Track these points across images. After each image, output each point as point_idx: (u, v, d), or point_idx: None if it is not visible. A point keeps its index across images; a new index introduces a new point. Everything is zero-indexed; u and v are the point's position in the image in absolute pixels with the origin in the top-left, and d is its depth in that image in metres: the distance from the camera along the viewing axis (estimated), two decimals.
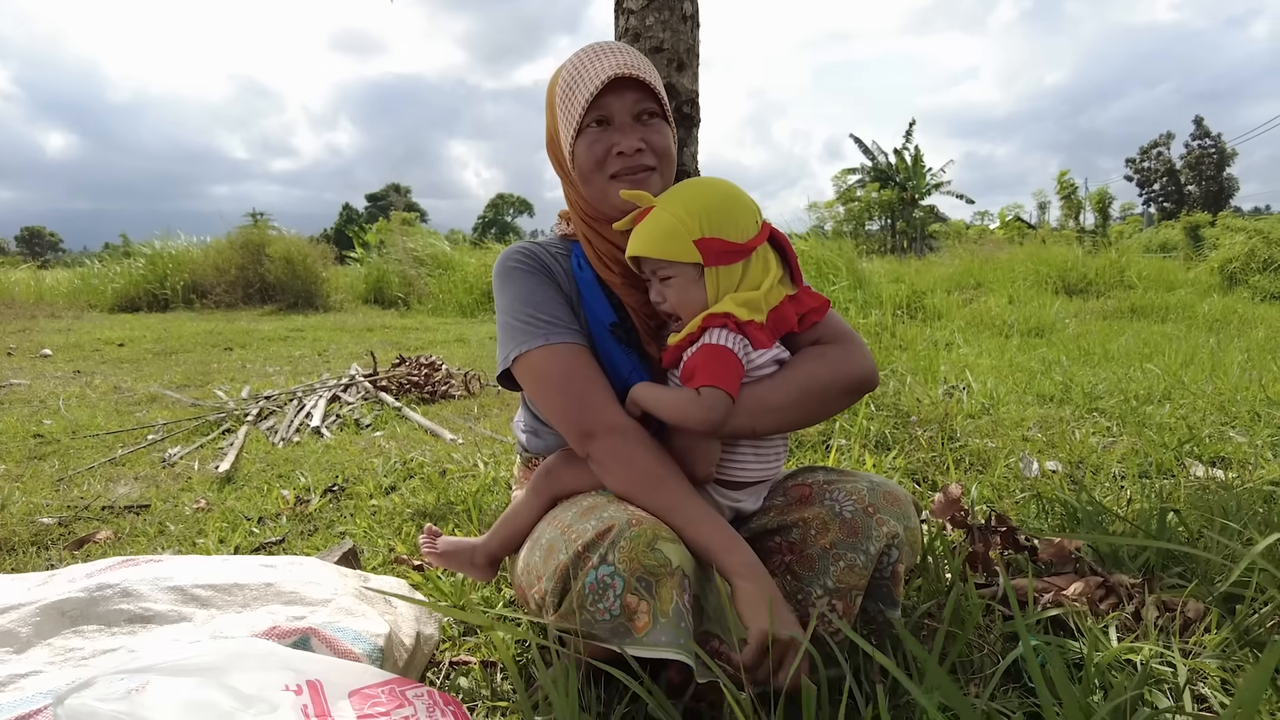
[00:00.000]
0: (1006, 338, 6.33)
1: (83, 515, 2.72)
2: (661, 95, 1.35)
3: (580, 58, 1.34)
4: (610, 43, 1.36)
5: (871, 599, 1.40)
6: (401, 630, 1.51)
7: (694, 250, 1.26)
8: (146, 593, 1.37)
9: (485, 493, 2.68)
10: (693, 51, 2.15)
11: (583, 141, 1.33)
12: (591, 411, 1.31)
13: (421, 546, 1.68)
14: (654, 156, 1.35)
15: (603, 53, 1.33)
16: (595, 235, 1.43)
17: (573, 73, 1.33)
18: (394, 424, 4.17)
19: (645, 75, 1.31)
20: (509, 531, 1.51)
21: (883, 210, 29.60)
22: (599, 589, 1.13)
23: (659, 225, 1.27)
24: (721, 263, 1.27)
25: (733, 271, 1.29)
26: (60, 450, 3.68)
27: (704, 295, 1.29)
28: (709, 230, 1.26)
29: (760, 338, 1.27)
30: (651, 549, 1.14)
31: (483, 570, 1.60)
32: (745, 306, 1.27)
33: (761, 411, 1.28)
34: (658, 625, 1.10)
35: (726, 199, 1.31)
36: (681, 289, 1.30)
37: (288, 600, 1.45)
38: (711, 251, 1.26)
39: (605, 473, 1.31)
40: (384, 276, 14.39)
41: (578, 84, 1.31)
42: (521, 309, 1.38)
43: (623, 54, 1.32)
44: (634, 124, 1.33)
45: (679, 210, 1.27)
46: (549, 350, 1.34)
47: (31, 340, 8.35)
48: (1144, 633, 1.58)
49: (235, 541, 2.40)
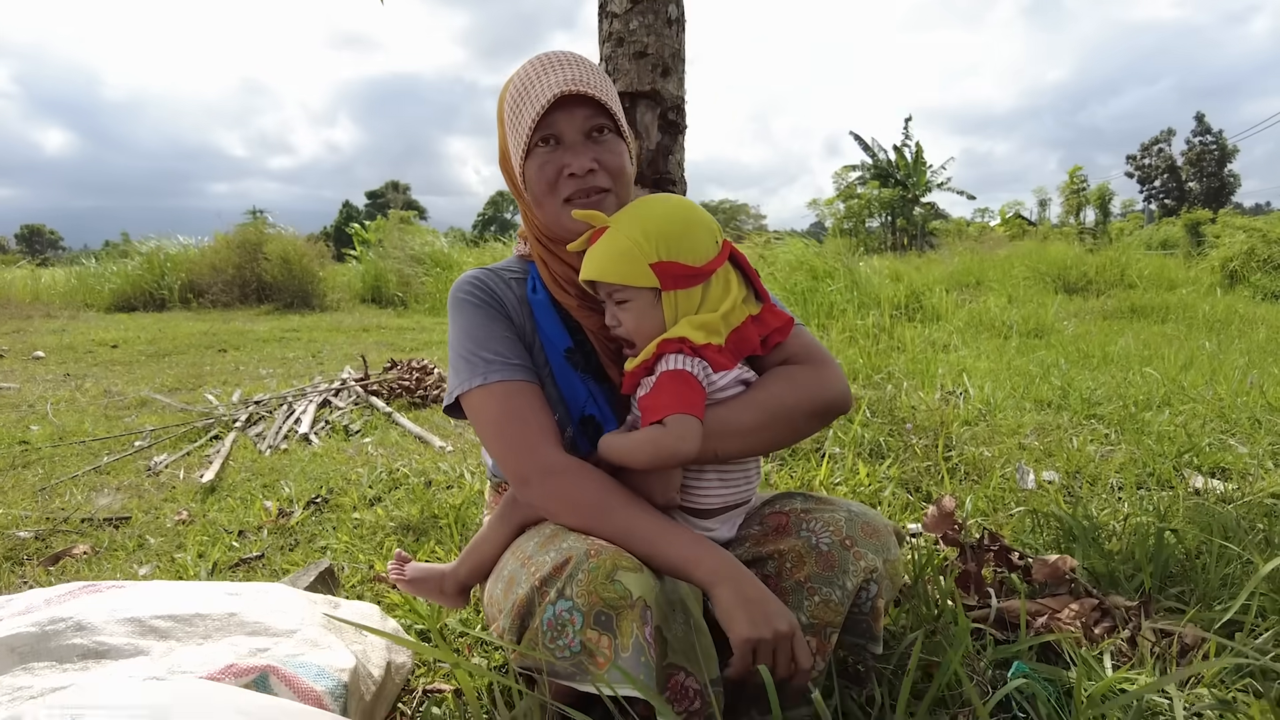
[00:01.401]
0: (1005, 339, 6.26)
1: (61, 528, 2.67)
2: (614, 109, 1.28)
3: (526, 73, 1.27)
4: (559, 54, 1.29)
5: (850, 634, 1.35)
6: (370, 661, 1.46)
7: (650, 274, 1.20)
8: (101, 625, 1.32)
9: (469, 506, 2.63)
10: (678, 56, 2.09)
11: (533, 163, 1.27)
12: (525, 456, 1.25)
13: (390, 574, 1.63)
14: (608, 176, 1.28)
15: (550, 66, 1.25)
16: (550, 257, 1.37)
17: (519, 89, 1.26)
18: (384, 430, 4.12)
19: (595, 90, 1.23)
20: (477, 559, 1.45)
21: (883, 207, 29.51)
22: (557, 625, 1.08)
23: (614, 248, 1.21)
24: (680, 286, 1.22)
25: (691, 295, 1.23)
26: (45, 458, 3.64)
27: (661, 320, 1.23)
28: (666, 254, 1.20)
29: (719, 360, 1.21)
30: (611, 580, 1.08)
31: (453, 598, 1.55)
32: (702, 329, 1.21)
33: (725, 434, 1.21)
34: (620, 661, 1.05)
35: (684, 221, 1.25)
36: (638, 313, 1.24)
37: (251, 631, 1.40)
38: (669, 276, 1.20)
39: (550, 516, 1.26)
40: (381, 275, 14.32)
41: (524, 102, 1.24)
42: (465, 344, 1.33)
43: (571, 66, 1.25)
44: (585, 142, 1.27)
45: (635, 233, 1.20)
46: (486, 391, 1.28)
47: (25, 341, 8.30)
48: (1139, 660, 1.54)
49: (214, 557, 2.35)
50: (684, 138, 2.14)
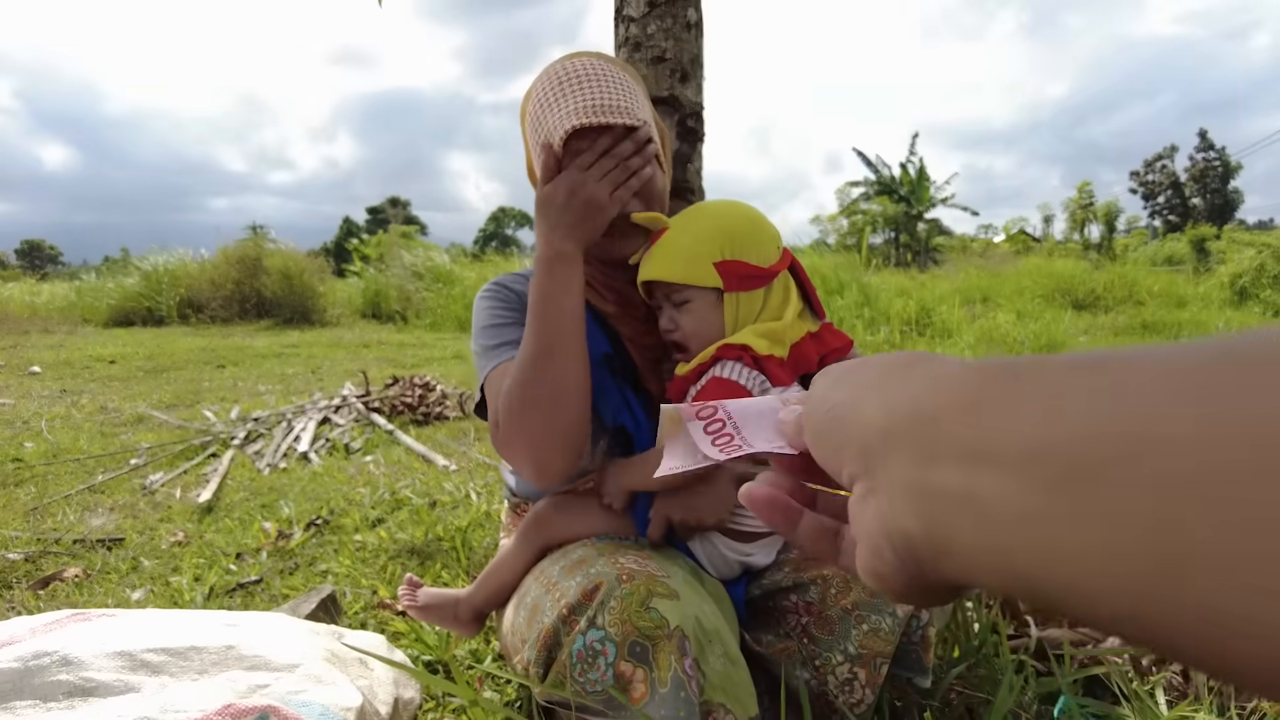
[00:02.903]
0: (1017, 355, 6.15)
1: (52, 550, 2.57)
2: (642, 124, 1.15)
3: (546, 91, 1.15)
4: (582, 66, 1.15)
5: (898, 666, 1.26)
6: (377, 698, 1.37)
7: (714, 274, 1.13)
8: (89, 660, 1.22)
9: (475, 528, 2.54)
10: (697, 61, 2.02)
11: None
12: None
13: (401, 599, 1.54)
14: (639, 203, 1.19)
15: (569, 86, 1.13)
16: (587, 264, 1.28)
17: (539, 109, 1.15)
18: (386, 448, 4.03)
19: (619, 115, 1.11)
20: (495, 585, 1.37)
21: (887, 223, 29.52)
22: (588, 657, 0.99)
23: (675, 246, 1.14)
24: (743, 288, 1.15)
25: (754, 299, 1.16)
26: (38, 476, 3.54)
27: (721, 324, 1.16)
28: (730, 252, 1.14)
29: (780, 375, 1.13)
30: (646, 608, 0.99)
31: (467, 626, 1.46)
32: (766, 338, 1.13)
33: None
34: (656, 696, 0.95)
35: (748, 219, 1.18)
36: (698, 316, 1.16)
37: (250, 665, 1.31)
38: (733, 275, 1.13)
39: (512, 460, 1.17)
40: (382, 291, 14.26)
41: (542, 124, 1.14)
42: (481, 340, 1.27)
43: (592, 86, 1.12)
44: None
45: (698, 230, 1.14)
46: (499, 370, 1.21)
47: (21, 356, 8.21)
48: (1195, 695, 1.44)
49: (211, 580, 2.26)
50: (703, 145, 2.06)
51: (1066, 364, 0.25)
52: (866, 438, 0.32)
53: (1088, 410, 0.23)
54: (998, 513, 0.25)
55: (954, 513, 0.27)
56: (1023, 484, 0.24)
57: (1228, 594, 0.19)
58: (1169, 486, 0.20)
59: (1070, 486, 0.23)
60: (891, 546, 0.31)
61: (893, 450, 0.30)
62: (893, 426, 0.31)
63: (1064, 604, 0.24)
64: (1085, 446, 0.22)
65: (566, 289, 1.11)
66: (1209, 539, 0.19)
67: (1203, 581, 0.19)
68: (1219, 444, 0.19)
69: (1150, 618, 0.21)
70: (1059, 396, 0.24)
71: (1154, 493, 0.20)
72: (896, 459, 0.30)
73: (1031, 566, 0.24)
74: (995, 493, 0.25)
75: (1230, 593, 0.19)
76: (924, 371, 0.32)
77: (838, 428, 0.35)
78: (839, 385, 0.37)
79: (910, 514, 0.29)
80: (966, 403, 0.28)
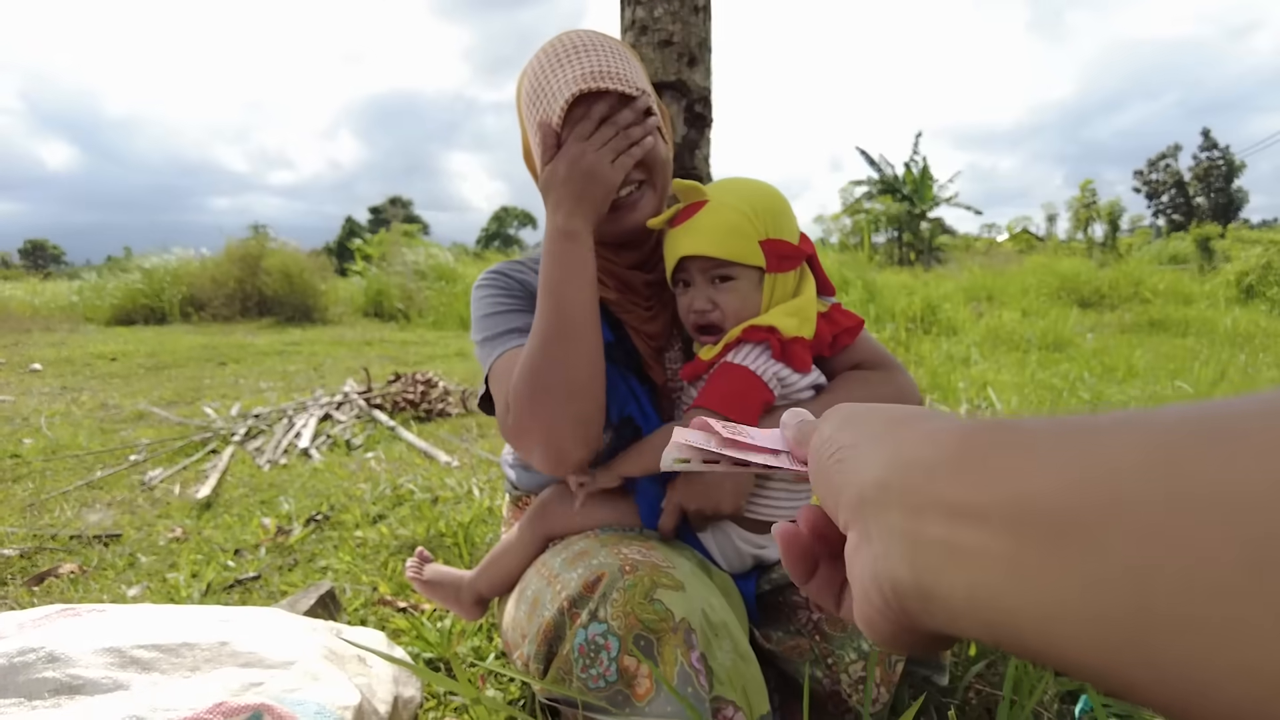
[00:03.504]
0: (1025, 352, 6.13)
1: (48, 546, 2.53)
2: (642, 93, 1.12)
3: (542, 64, 1.12)
4: (577, 37, 1.13)
5: (915, 664, 1.21)
6: (376, 695, 1.32)
7: (759, 252, 1.09)
8: (76, 656, 1.18)
9: (478, 523, 2.49)
10: (705, 45, 1.97)
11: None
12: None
13: (407, 571, 1.51)
14: (641, 167, 1.13)
15: (567, 56, 1.10)
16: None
17: (536, 83, 1.12)
18: (387, 444, 3.99)
19: (618, 82, 1.07)
20: (496, 573, 1.33)
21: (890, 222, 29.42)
22: (590, 651, 0.95)
23: (724, 222, 1.09)
24: (782, 269, 1.11)
25: (788, 280, 1.13)
26: (36, 472, 3.50)
27: (759, 306, 1.12)
28: (773, 231, 1.10)
29: (804, 358, 1.09)
30: (650, 600, 0.95)
31: (468, 609, 1.43)
32: (795, 317, 1.09)
33: None
34: (662, 692, 0.91)
35: (780, 198, 1.14)
36: (743, 295, 1.12)
37: (245, 662, 1.26)
38: (775, 255, 1.10)
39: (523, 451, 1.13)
40: (384, 289, 14.21)
41: (541, 98, 1.10)
42: (480, 331, 1.22)
43: (590, 54, 1.09)
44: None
45: (744, 207, 1.09)
46: (500, 361, 1.16)
47: (22, 354, 8.18)
48: None
49: (208, 577, 2.22)
50: (710, 131, 2.01)
51: (1052, 426, 0.26)
52: (864, 485, 0.34)
53: (1067, 472, 0.24)
54: (981, 566, 0.26)
55: (941, 564, 0.28)
56: (1004, 539, 0.25)
57: (1188, 656, 0.20)
58: (1137, 550, 0.21)
59: (1047, 544, 0.24)
60: (881, 594, 0.32)
61: (886, 501, 0.32)
62: (888, 478, 0.32)
63: (1043, 657, 0.25)
64: (1063, 506, 0.23)
65: (578, 270, 1.06)
66: (1171, 602, 0.20)
67: (1164, 642, 0.20)
68: (1185, 513, 0.20)
69: (1117, 673, 0.22)
70: (1043, 457, 0.25)
71: (1123, 555, 0.21)
72: (889, 508, 0.31)
73: (1011, 618, 0.25)
74: (979, 546, 0.26)
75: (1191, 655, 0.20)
76: (923, 427, 0.33)
77: (838, 471, 0.36)
78: (845, 428, 0.38)
79: (900, 562, 0.30)
80: (958, 459, 0.29)
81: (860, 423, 0.38)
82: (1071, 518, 0.23)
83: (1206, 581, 0.19)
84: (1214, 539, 0.19)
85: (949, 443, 0.30)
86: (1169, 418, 0.23)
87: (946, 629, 0.29)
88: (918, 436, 0.33)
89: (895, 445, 0.33)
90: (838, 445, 0.37)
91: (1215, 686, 0.19)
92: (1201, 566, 0.19)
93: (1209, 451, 0.21)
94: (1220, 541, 0.19)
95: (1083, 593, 0.22)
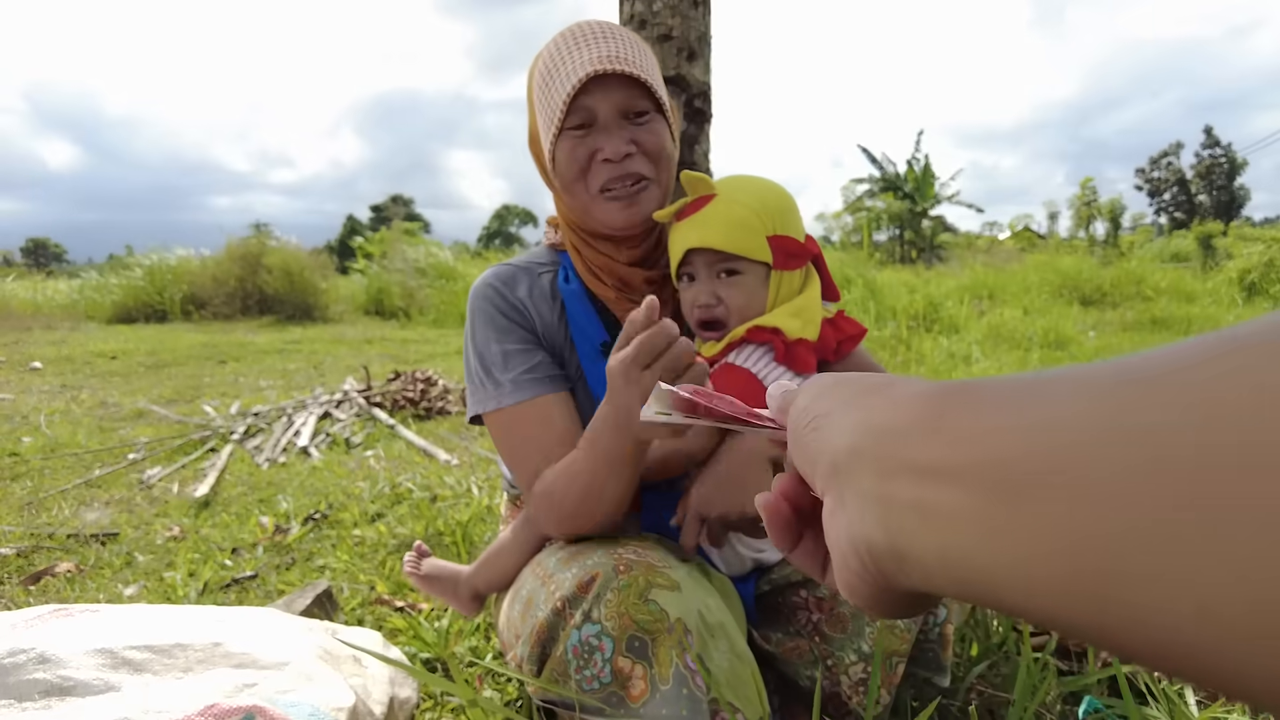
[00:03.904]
0: (1027, 351, 6.11)
1: (45, 544, 2.52)
2: (656, 87, 1.12)
3: (559, 46, 1.12)
4: (594, 25, 1.13)
5: (916, 665, 1.20)
6: (372, 697, 1.31)
7: (767, 248, 1.08)
8: (67, 657, 1.17)
9: (477, 522, 2.48)
10: (704, 39, 1.95)
11: (563, 146, 1.12)
12: (523, 477, 1.16)
13: (405, 566, 1.50)
14: (647, 162, 1.13)
15: (583, 40, 1.10)
16: (585, 246, 1.23)
17: (550, 65, 1.11)
18: (386, 443, 3.97)
19: (633, 67, 1.08)
20: (493, 570, 1.32)
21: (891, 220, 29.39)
22: (584, 652, 0.93)
23: (731, 216, 1.07)
24: (788, 267, 1.10)
25: (793, 279, 1.12)
26: (34, 470, 3.49)
27: (764, 303, 1.11)
28: (780, 227, 1.08)
29: (808, 360, 1.07)
30: (644, 600, 0.94)
31: (465, 604, 1.42)
32: (798, 317, 1.08)
33: None
34: (657, 694, 0.90)
35: (787, 196, 1.14)
36: (749, 291, 1.10)
37: (238, 663, 1.25)
38: (782, 252, 1.09)
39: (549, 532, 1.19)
40: (385, 287, 14.20)
41: (554, 79, 1.10)
42: (476, 364, 1.21)
43: (607, 40, 1.10)
44: (621, 124, 1.11)
45: (751, 202, 1.08)
46: (495, 415, 1.18)
47: (22, 352, 8.17)
48: None
49: (205, 576, 2.20)
50: (710, 127, 2.00)
51: (1007, 385, 0.27)
52: (836, 453, 0.34)
53: (1021, 428, 0.25)
54: (950, 525, 0.26)
55: (913, 525, 0.28)
56: (970, 498, 0.26)
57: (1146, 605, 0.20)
58: (1081, 495, 0.22)
59: (1009, 501, 0.24)
60: (858, 556, 0.32)
61: (859, 465, 0.32)
62: (859, 443, 0.33)
63: (1015, 611, 0.25)
64: (1020, 463, 0.24)
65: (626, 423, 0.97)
66: (1117, 541, 0.21)
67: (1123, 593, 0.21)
68: (1119, 454, 0.21)
69: (1083, 624, 0.23)
70: (1001, 417, 0.26)
71: (1069, 501, 0.22)
72: (862, 473, 0.32)
73: (982, 575, 0.25)
74: (947, 507, 0.27)
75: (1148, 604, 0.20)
76: (892, 393, 0.34)
77: (814, 440, 0.37)
78: (821, 398, 0.39)
79: (874, 525, 0.31)
80: (924, 422, 0.30)
81: (833, 392, 0.38)
82: (1028, 474, 0.24)
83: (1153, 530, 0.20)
84: (1150, 476, 0.20)
85: (916, 406, 0.31)
86: (1106, 369, 0.23)
87: (922, 588, 0.30)
88: (886, 402, 0.33)
89: (866, 411, 0.34)
90: (813, 415, 0.38)
91: (1175, 631, 0.19)
92: (1138, 502, 0.20)
93: (1143, 399, 0.21)
94: (1161, 489, 0.20)
95: (1043, 547, 0.23)
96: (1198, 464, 0.19)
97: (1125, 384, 0.22)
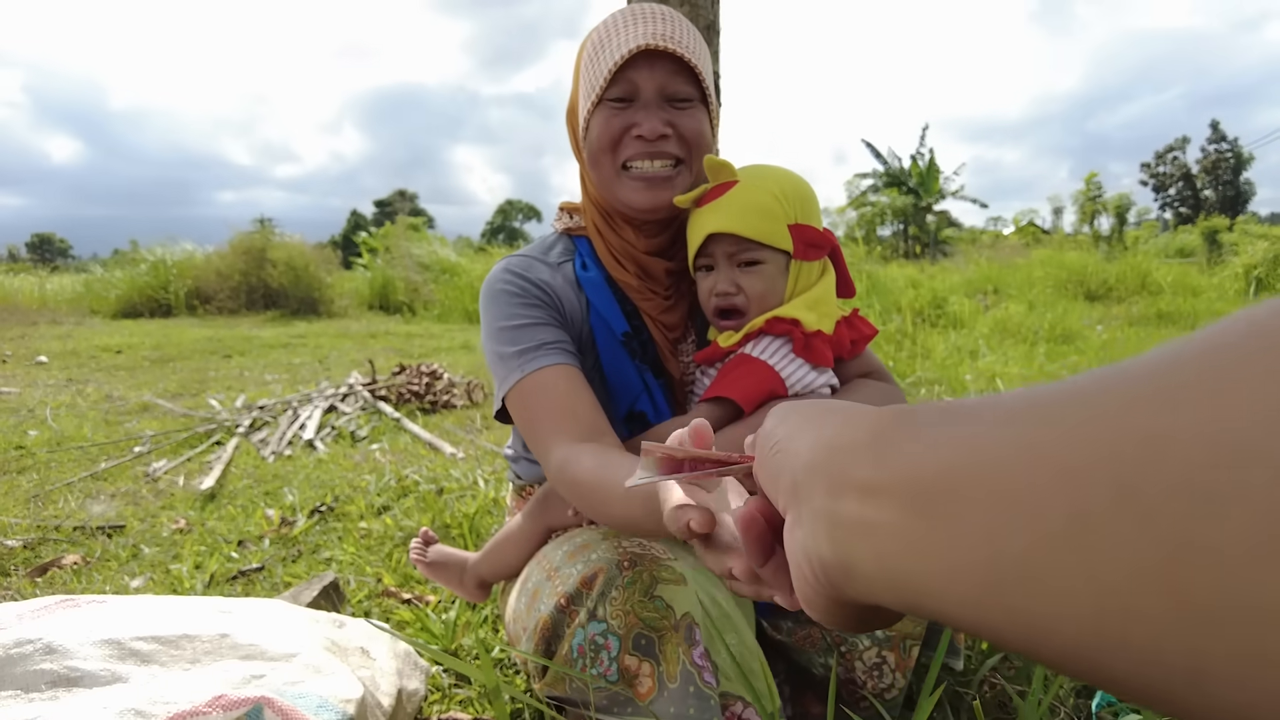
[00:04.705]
0: (1033, 345, 6.08)
1: (52, 537, 2.52)
2: (703, 76, 1.10)
3: (615, 19, 1.11)
4: (655, 6, 1.12)
5: (930, 648, 1.19)
6: (379, 688, 1.30)
7: (788, 236, 1.07)
8: (74, 648, 1.16)
9: (483, 514, 2.48)
10: (714, 28, 1.94)
11: (599, 115, 1.10)
12: (542, 450, 1.08)
13: (411, 552, 1.50)
14: (683, 145, 1.11)
15: (639, 17, 1.09)
16: (609, 230, 1.20)
17: (602, 36, 1.10)
18: (392, 436, 3.97)
19: (683, 49, 1.06)
20: (500, 558, 1.32)
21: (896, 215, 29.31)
22: (590, 651, 0.93)
23: (754, 202, 1.06)
24: (808, 257, 1.09)
25: (812, 270, 1.11)
26: (40, 463, 3.49)
27: (783, 292, 1.10)
28: (801, 216, 1.08)
29: (825, 353, 1.07)
30: (650, 597, 0.93)
31: (471, 591, 1.42)
32: (815, 310, 1.07)
33: None
34: (666, 692, 0.89)
35: (808, 187, 1.13)
36: (769, 279, 1.09)
37: (245, 655, 1.24)
38: (802, 241, 1.08)
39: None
40: (389, 282, 14.20)
41: (603, 50, 1.08)
42: (494, 343, 1.15)
43: (662, 21, 1.08)
44: (662, 104, 1.09)
45: (774, 189, 1.07)
46: (517, 390, 1.10)
47: (28, 346, 8.18)
48: None
49: (211, 568, 2.20)
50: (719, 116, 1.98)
51: (945, 410, 0.28)
52: (796, 470, 0.36)
53: (942, 450, 0.26)
54: (885, 539, 0.28)
55: (855, 539, 0.30)
56: (900, 514, 0.27)
57: (1033, 609, 0.22)
58: (991, 509, 0.23)
59: (929, 516, 0.26)
60: (812, 570, 0.34)
61: (814, 481, 0.34)
62: (816, 459, 0.35)
63: (941, 618, 0.27)
64: (939, 481, 0.26)
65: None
66: (1013, 562, 0.22)
67: (1013, 599, 0.22)
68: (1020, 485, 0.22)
69: (988, 627, 0.24)
70: (931, 437, 0.27)
71: (981, 516, 0.23)
72: (815, 491, 0.34)
73: (912, 585, 0.27)
74: (883, 522, 0.28)
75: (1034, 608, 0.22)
76: (846, 414, 0.35)
77: (775, 462, 0.39)
78: (783, 422, 0.41)
79: (824, 539, 0.32)
80: (869, 442, 0.31)
81: (795, 415, 0.40)
82: (944, 491, 0.25)
83: (1036, 543, 0.21)
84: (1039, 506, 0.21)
85: (865, 426, 0.32)
86: (1017, 400, 0.25)
87: (867, 600, 0.31)
88: (840, 422, 0.35)
89: (823, 429, 0.36)
90: (776, 439, 0.40)
91: (1056, 634, 0.21)
92: (1031, 530, 0.21)
93: (1040, 432, 0.23)
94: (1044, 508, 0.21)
95: (960, 559, 0.24)
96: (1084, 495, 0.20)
97: (1031, 406, 0.24)
